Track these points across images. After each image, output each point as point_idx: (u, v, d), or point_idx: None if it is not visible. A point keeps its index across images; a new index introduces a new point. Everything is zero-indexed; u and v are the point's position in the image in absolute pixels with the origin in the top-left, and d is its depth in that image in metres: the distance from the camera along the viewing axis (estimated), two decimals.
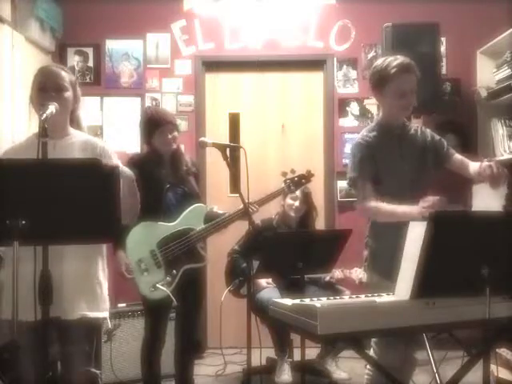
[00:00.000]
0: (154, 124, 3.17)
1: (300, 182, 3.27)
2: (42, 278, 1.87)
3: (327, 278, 3.96)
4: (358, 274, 3.62)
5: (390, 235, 2.59)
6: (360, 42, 4.86)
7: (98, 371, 2.36)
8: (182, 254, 3.09)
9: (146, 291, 3.04)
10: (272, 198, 3.24)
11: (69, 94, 2.31)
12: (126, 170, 2.38)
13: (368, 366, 2.70)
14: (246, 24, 4.88)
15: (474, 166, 2.66)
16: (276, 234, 3.62)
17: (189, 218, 3.14)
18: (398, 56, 2.69)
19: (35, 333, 1.94)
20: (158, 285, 3.01)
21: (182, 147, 4.62)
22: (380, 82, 2.67)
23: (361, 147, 2.71)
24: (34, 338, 1.99)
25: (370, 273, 2.76)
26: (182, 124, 4.83)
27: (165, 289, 3.00)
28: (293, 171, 3.27)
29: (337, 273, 3.89)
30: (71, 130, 2.39)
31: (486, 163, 2.52)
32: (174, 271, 3.07)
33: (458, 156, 2.79)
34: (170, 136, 3.16)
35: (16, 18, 4.03)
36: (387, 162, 2.69)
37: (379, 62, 2.71)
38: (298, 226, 4.09)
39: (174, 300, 3.05)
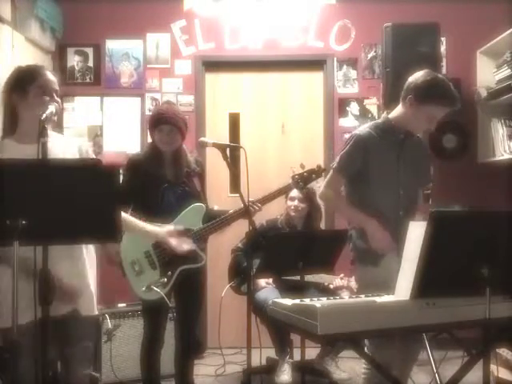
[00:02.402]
0: (153, 122, 3.19)
1: (310, 177, 3.17)
2: (42, 278, 1.87)
3: (326, 284, 3.96)
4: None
5: None
6: (360, 41, 4.86)
7: (97, 374, 2.36)
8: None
9: (139, 292, 3.02)
10: (277, 195, 3.17)
11: (58, 99, 2.31)
12: None
13: (364, 366, 2.70)
14: (246, 24, 4.87)
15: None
16: (276, 234, 3.61)
17: (187, 218, 3.10)
18: (450, 87, 2.61)
19: (35, 333, 1.94)
20: (152, 286, 2.98)
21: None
22: (422, 98, 2.61)
23: (356, 139, 2.73)
24: (34, 338, 1.98)
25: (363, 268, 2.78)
26: None
27: (159, 290, 2.96)
28: (302, 166, 3.20)
29: (337, 280, 3.89)
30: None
31: None
32: (170, 272, 3.04)
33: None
34: (167, 136, 3.14)
35: (16, 18, 4.03)
36: (382, 160, 2.70)
37: (436, 78, 2.62)
38: (303, 226, 4.08)
39: (169, 302, 3.03)
